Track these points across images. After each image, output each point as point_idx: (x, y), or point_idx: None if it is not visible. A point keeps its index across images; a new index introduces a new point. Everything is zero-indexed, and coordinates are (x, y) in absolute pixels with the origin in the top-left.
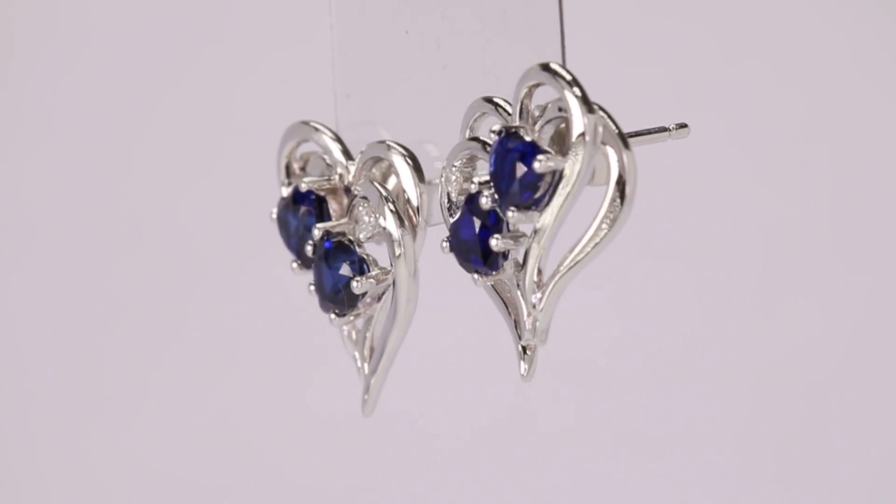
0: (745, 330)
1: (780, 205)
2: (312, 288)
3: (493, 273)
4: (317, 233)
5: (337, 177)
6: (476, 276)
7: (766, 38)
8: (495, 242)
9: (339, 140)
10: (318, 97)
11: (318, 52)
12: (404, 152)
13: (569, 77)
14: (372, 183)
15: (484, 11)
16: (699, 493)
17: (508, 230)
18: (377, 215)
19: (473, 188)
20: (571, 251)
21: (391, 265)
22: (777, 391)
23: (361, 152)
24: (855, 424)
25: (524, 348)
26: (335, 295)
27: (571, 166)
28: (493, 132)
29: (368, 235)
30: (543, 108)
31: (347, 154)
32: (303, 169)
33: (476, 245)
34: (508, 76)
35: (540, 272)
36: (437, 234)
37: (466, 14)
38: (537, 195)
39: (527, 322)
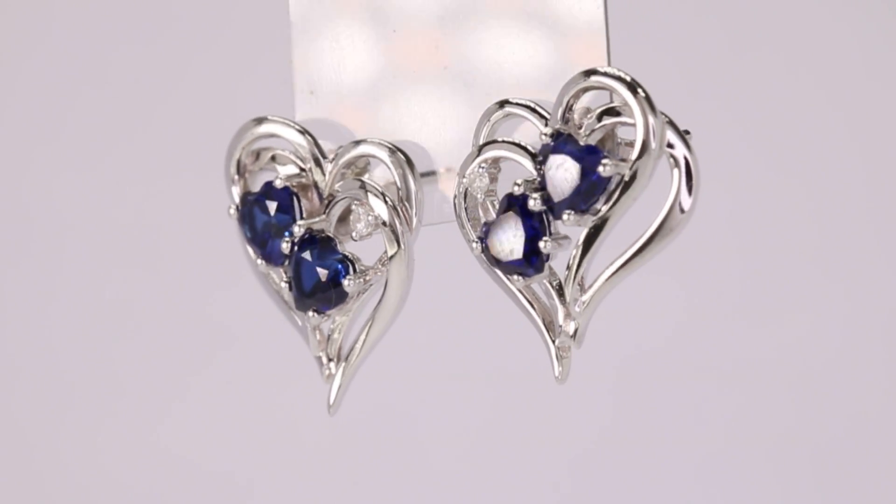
0: (744, 331)
1: (781, 206)
2: (284, 285)
3: (536, 275)
4: (299, 230)
5: (308, 173)
6: (517, 277)
7: (776, 38)
8: (544, 245)
9: (310, 136)
10: (267, 93)
11: (276, 47)
12: (398, 150)
13: (629, 79)
14: (364, 180)
15: (506, 14)
16: (700, 495)
17: (550, 233)
18: (375, 213)
19: (517, 190)
20: (624, 254)
21: (383, 263)
22: (778, 392)
23: (338, 149)
24: (868, 426)
25: (559, 351)
26: (322, 292)
27: (634, 170)
28: (546, 135)
29: (364, 234)
30: (585, 112)
31: (320, 150)
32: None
33: (521, 247)
34: (531, 79)
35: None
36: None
37: (479, 17)
38: (595, 199)
39: (564, 325)
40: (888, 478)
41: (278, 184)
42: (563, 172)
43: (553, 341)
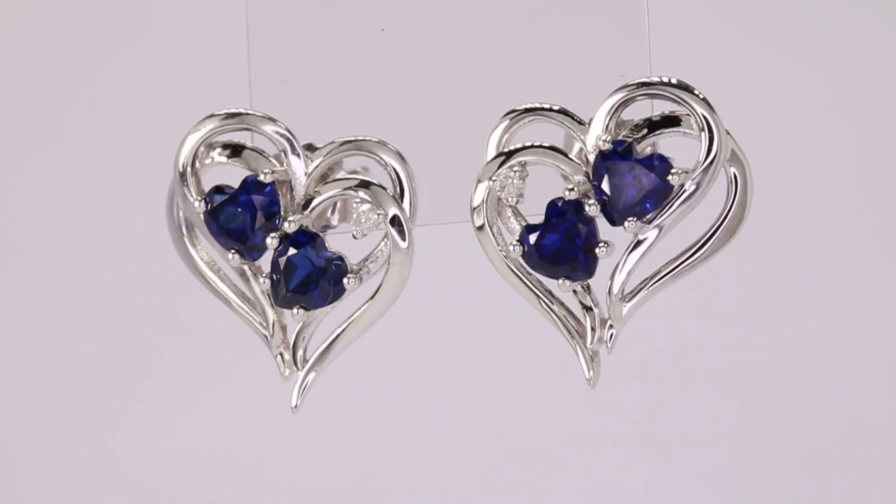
0: (753, 332)
1: (788, 208)
2: (262, 282)
3: (583, 279)
4: (291, 226)
5: (288, 168)
6: (563, 280)
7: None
8: (600, 250)
9: (289, 131)
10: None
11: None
12: (396, 150)
13: (698, 92)
14: (365, 178)
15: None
16: (709, 495)
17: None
18: (381, 211)
19: (571, 195)
20: (671, 265)
21: (369, 262)
22: (778, 393)
23: (319, 146)
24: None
25: (592, 355)
26: (321, 290)
27: (697, 181)
28: (605, 142)
29: (367, 232)
30: (622, 122)
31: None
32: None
33: (575, 251)
34: (545, 86)
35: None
36: None
37: (494, 21)
38: (658, 207)
39: (600, 330)
40: None
41: (266, 178)
42: (632, 180)
43: (585, 345)
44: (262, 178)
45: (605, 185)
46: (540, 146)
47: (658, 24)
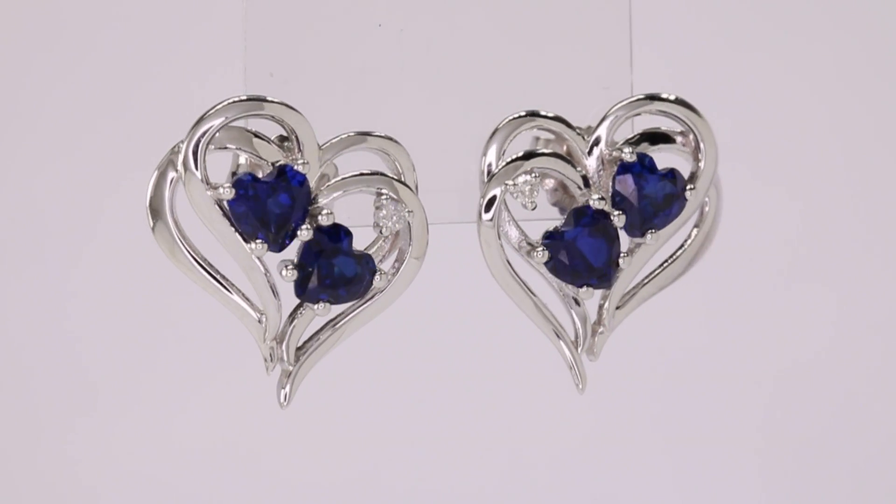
0: (743, 333)
1: (790, 205)
2: (287, 273)
3: (602, 288)
4: (327, 219)
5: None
6: (586, 289)
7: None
8: (622, 260)
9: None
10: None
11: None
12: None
13: (697, 109)
14: (390, 175)
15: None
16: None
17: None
18: (410, 209)
19: (599, 204)
20: (655, 275)
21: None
22: (776, 394)
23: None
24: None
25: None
26: (356, 286)
27: (696, 196)
28: (628, 153)
29: (394, 229)
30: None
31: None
32: None
33: (604, 260)
34: (538, 89)
35: None
36: None
37: (494, 22)
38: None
39: (590, 337)
40: None
41: (302, 169)
42: (659, 193)
43: (577, 351)
44: (298, 167)
45: (633, 198)
46: (552, 153)
47: (640, 35)
